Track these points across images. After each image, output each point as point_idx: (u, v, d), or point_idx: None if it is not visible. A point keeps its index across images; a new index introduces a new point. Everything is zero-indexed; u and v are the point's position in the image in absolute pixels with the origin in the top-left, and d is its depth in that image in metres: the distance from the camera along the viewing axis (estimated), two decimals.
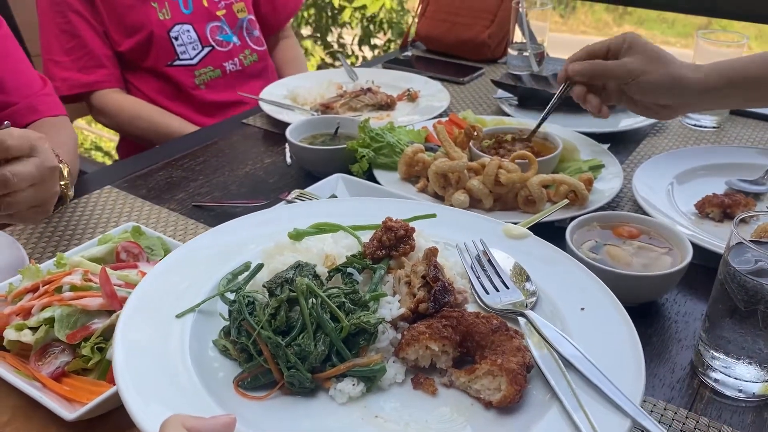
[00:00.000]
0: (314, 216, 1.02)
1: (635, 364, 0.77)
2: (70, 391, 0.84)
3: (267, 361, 0.78)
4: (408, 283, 0.89)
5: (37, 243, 1.25)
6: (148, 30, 1.97)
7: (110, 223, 1.31)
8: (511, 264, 0.97)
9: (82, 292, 0.92)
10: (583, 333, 0.84)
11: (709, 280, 0.93)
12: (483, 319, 0.83)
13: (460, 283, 0.94)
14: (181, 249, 0.97)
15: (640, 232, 1.12)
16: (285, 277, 0.85)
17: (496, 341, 0.81)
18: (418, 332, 0.81)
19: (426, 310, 0.85)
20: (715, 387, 0.92)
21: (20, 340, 0.88)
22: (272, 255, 0.94)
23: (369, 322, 0.80)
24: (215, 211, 1.36)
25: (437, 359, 0.82)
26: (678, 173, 1.40)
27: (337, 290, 0.84)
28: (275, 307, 0.81)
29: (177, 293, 0.88)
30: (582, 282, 0.92)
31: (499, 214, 1.27)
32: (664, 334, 1.02)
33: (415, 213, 1.02)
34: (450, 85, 2.06)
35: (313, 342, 0.78)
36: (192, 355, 0.80)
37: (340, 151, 1.45)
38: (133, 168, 1.55)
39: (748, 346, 0.87)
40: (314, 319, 0.80)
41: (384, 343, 0.82)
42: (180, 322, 0.84)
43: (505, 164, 1.26)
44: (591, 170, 1.39)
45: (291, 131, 1.50)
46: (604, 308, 0.87)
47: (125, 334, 0.79)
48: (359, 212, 1.04)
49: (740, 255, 0.86)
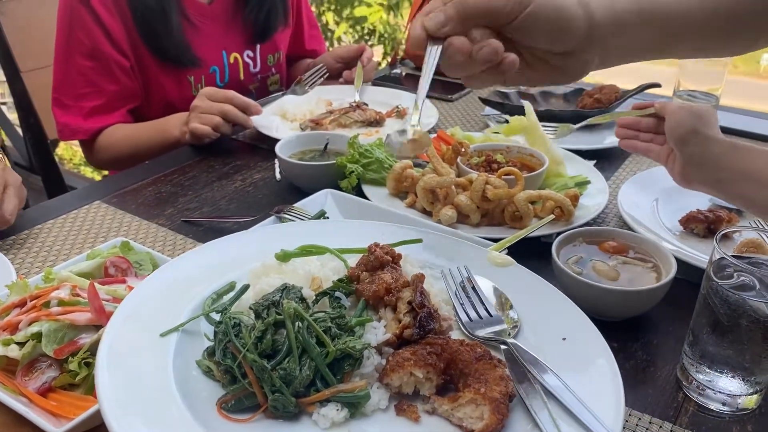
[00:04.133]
0: (301, 236, 1.02)
1: (615, 396, 0.78)
2: (56, 407, 0.84)
3: (252, 384, 0.78)
4: (394, 309, 0.89)
5: (24, 258, 1.25)
6: (179, 102, 1.89)
7: (99, 238, 1.31)
8: (495, 292, 0.98)
9: (70, 307, 0.92)
10: (564, 363, 0.84)
11: (694, 295, 0.94)
12: (467, 347, 0.84)
13: (445, 309, 0.95)
14: (167, 266, 0.97)
15: (625, 248, 1.13)
16: (272, 299, 0.85)
17: (480, 369, 0.81)
18: (402, 359, 0.81)
19: (411, 337, 0.85)
20: (700, 400, 0.93)
21: (7, 355, 0.88)
22: (258, 276, 0.95)
23: (355, 348, 0.81)
24: (204, 226, 1.36)
25: (421, 386, 0.82)
26: (663, 189, 1.42)
27: (323, 314, 0.84)
28: (262, 330, 0.81)
29: (162, 311, 0.88)
30: (564, 312, 0.93)
31: (487, 229, 1.29)
32: (649, 348, 1.03)
33: (401, 237, 1.03)
34: (438, 102, 2.08)
35: (299, 366, 0.78)
36: (175, 374, 0.79)
37: (330, 167, 1.46)
38: (123, 183, 1.55)
39: (732, 359, 0.88)
40: (300, 344, 0.80)
41: (369, 368, 0.82)
42: (164, 341, 0.84)
43: (491, 180, 1.28)
44: (577, 186, 1.41)
45: (281, 147, 1.51)
46: (585, 339, 0.88)
47: (110, 350, 0.78)
48: (346, 234, 1.05)
49: (722, 270, 0.88)
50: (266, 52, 2.12)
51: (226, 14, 1.98)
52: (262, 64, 2.12)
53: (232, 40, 2.01)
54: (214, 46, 1.97)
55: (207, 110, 1.69)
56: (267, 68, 2.15)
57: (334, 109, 1.92)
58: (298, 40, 2.32)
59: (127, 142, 1.84)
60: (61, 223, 1.37)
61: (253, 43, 2.07)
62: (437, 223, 1.27)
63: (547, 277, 1.13)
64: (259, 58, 2.10)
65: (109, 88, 1.84)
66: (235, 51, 2.03)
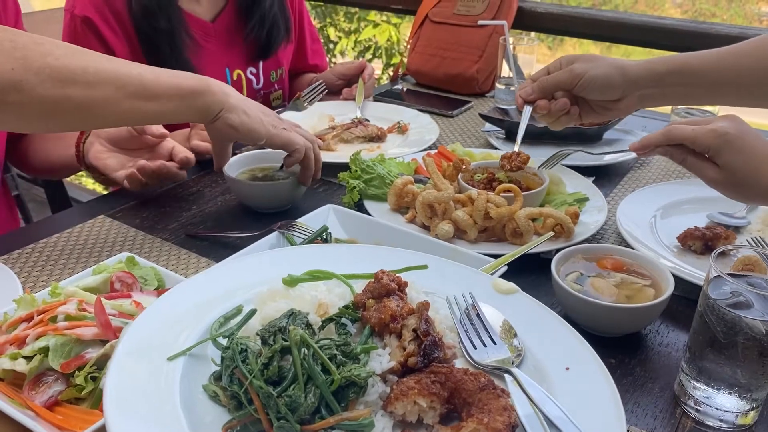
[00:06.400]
0: (309, 260, 1.03)
1: (618, 429, 0.78)
2: (63, 420, 0.85)
3: (257, 410, 0.79)
4: (399, 336, 0.90)
5: (30, 272, 1.26)
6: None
7: (104, 253, 1.33)
8: (500, 319, 0.98)
9: (76, 322, 0.94)
10: (567, 393, 0.84)
11: (691, 312, 0.96)
12: (471, 376, 0.84)
13: (449, 337, 0.95)
14: (175, 289, 0.97)
15: (623, 264, 1.15)
16: (278, 326, 0.86)
17: (483, 399, 0.81)
18: (407, 387, 0.82)
19: (415, 365, 0.86)
20: (697, 417, 0.94)
21: (14, 369, 0.89)
22: (265, 301, 0.95)
23: (359, 376, 0.81)
24: (208, 241, 1.38)
25: (424, 415, 0.82)
26: (661, 206, 1.44)
27: (329, 341, 0.85)
28: (268, 356, 0.82)
29: (170, 334, 0.88)
30: (568, 341, 0.93)
31: (486, 245, 1.30)
32: (647, 364, 1.05)
33: (407, 262, 1.04)
34: (439, 118, 2.10)
35: (304, 394, 0.79)
36: (182, 398, 0.80)
37: (282, 186, 1.44)
38: (127, 198, 1.57)
39: (728, 376, 0.89)
40: (306, 371, 0.80)
41: (373, 396, 0.83)
42: (171, 364, 0.84)
43: (492, 198, 1.29)
44: (576, 203, 1.42)
45: (230, 165, 1.48)
46: (588, 369, 0.88)
47: (118, 373, 0.79)
48: (353, 258, 1.06)
49: (719, 287, 0.89)
50: (269, 68, 2.14)
51: (229, 31, 2.00)
52: (265, 80, 2.14)
53: (235, 57, 2.03)
54: (218, 63, 1.99)
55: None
56: (270, 84, 2.17)
57: (336, 124, 1.95)
58: (300, 55, 2.34)
59: None
60: (66, 237, 1.39)
61: (256, 60, 2.09)
62: (435, 237, 1.29)
63: (547, 293, 1.15)
64: (262, 74, 2.12)
65: None
66: (239, 68, 2.05)
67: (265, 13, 2.00)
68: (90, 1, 1.77)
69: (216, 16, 1.96)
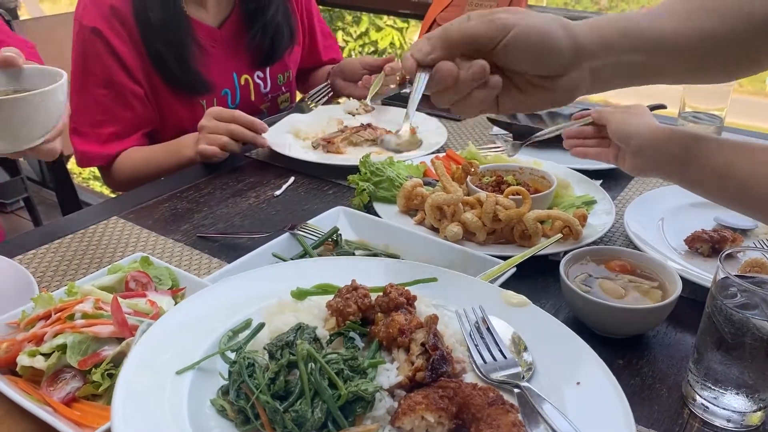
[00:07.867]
0: (317, 273, 1.04)
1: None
2: (80, 416, 0.87)
3: (264, 425, 0.79)
4: (407, 350, 0.90)
5: (45, 272, 1.28)
6: (192, 126, 1.89)
7: (117, 253, 1.35)
8: (510, 333, 0.97)
9: (93, 320, 0.95)
10: (578, 409, 0.84)
11: (698, 313, 0.97)
12: (480, 391, 0.84)
13: (458, 351, 0.94)
14: (184, 302, 0.98)
15: (631, 266, 1.16)
16: (286, 340, 0.86)
17: (492, 415, 0.81)
18: (414, 402, 0.81)
19: (423, 379, 0.85)
20: (705, 417, 0.95)
21: (33, 366, 0.91)
22: (274, 314, 0.96)
23: (367, 391, 0.81)
24: (219, 242, 1.40)
25: (432, 430, 0.82)
26: (668, 209, 1.45)
27: (336, 356, 0.85)
28: (275, 371, 0.82)
29: (179, 347, 0.89)
30: (579, 355, 0.93)
31: (494, 247, 1.32)
32: (655, 365, 1.06)
33: (416, 275, 1.04)
34: (448, 121, 2.11)
35: (311, 408, 0.79)
36: (189, 412, 0.81)
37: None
38: (139, 199, 1.59)
39: (736, 377, 0.90)
40: (312, 386, 0.80)
41: (380, 411, 0.82)
42: (179, 378, 0.85)
43: (501, 200, 1.31)
44: (584, 205, 1.44)
45: None
46: (600, 384, 0.87)
47: (127, 386, 0.80)
48: (362, 270, 1.06)
49: (726, 289, 0.90)
50: (276, 71, 2.16)
51: (236, 37, 2.01)
52: (273, 84, 2.16)
53: (242, 62, 2.05)
54: (225, 69, 2.01)
55: (213, 130, 1.72)
56: (277, 87, 2.19)
57: (345, 128, 1.96)
58: (313, 53, 2.36)
59: (143, 164, 1.88)
60: (80, 237, 1.41)
61: (262, 65, 2.11)
62: (444, 239, 1.30)
63: (555, 295, 1.16)
64: (269, 78, 2.14)
65: (124, 115, 1.87)
66: (246, 72, 2.07)
67: (267, 21, 2.01)
68: (98, 12, 1.79)
69: (222, 23, 1.98)
